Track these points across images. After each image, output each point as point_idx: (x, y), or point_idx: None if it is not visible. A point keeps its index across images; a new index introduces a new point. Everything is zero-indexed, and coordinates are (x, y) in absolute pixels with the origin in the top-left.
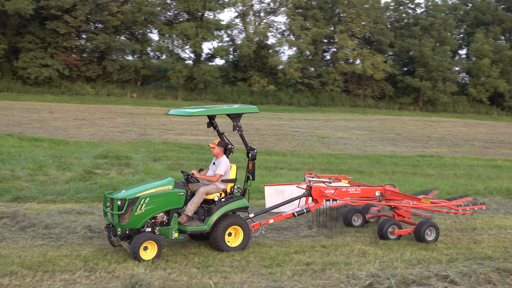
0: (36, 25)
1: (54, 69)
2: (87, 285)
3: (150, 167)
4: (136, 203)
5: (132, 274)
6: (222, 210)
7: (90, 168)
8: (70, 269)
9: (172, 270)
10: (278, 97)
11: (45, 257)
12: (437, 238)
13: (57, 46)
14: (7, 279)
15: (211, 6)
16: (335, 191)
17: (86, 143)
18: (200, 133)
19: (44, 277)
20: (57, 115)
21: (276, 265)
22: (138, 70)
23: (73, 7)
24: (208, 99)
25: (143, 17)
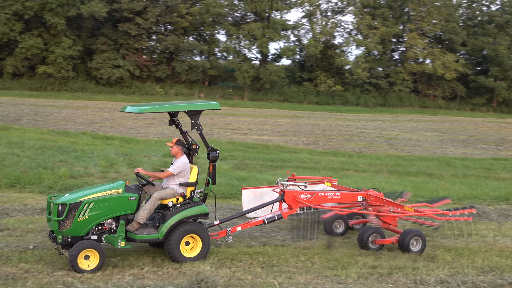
0: (109, 27)
1: (126, 69)
2: (154, 280)
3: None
4: (79, 208)
5: (198, 271)
6: (177, 217)
7: (158, 166)
8: (139, 265)
9: (237, 268)
10: (345, 98)
11: (115, 252)
12: (424, 249)
13: (128, 47)
14: (78, 273)
15: (278, 7)
16: (312, 196)
17: (155, 142)
18: (266, 133)
19: (114, 271)
20: (128, 114)
21: (341, 267)
22: (205, 71)
23: (144, 9)
24: (274, 100)
25: (211, 18)
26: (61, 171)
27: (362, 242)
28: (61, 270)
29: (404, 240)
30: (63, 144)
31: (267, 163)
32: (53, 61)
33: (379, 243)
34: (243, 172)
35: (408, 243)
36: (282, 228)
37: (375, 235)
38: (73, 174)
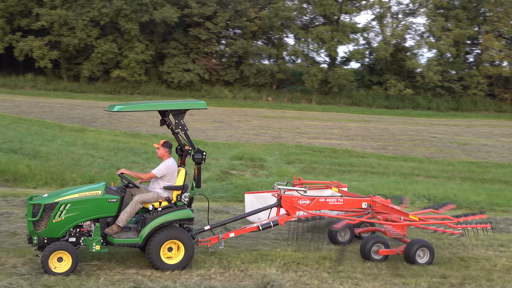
0: (180, 32)
1: (195, 73)
2: (221, 281)
3: (283, 170)
4: (55, 209)
5: (264, 274)
6: (158, 222)
7: (226, 169)
8: (206, 265)
9: (303, 273)
10: (416, 101)
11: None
12: (432, 261)
13: (198, 51)
14: (149, 271)
15: (348, 9)
16: (311, 202)
17: (223, 145)
18: (333, 137)
19: (182, 271)
20: (197, 117)
21: (410, 275)
22: (273, 74)
23: (214, 14)
24: (342, 103)
25: (280, 22)
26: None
27: (365, 252)
28: (132, 268)
29: (410, 251)
30: (135, 146)
31: (335, 168)
32: (127, 65)
33: (382, 254)
34: (310, 176)
35: (414, 254)
36: None
37: (378, 245)
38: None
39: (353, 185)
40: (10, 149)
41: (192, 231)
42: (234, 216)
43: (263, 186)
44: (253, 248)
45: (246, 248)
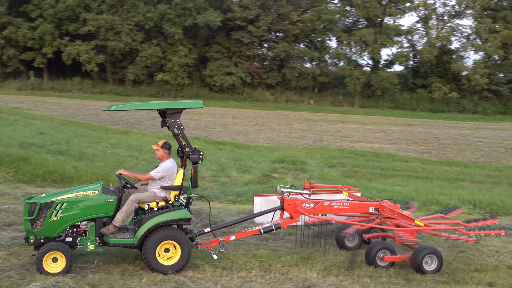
0: (222, 36)
1: (238, 76)
2: (262, 284)
3: (325, 173)
4: (51, 208)
5: (305, 278)
6: (153, 222)
7: (267, 172)
8: (247, 268)
9: (344, 277)
10: (461, 105)
11: (224, 254)
12: (440, 268)
13: (240, 55)
14: (190, 272)
15: (391, 12)
16: (315, 205)
17: (265, 148)
18: (376, 141)
19: (223, 273)
20: (239, 120)
21: (454, 282)
22: (315, 77)
23: (257, 18)
24: (385, 107)
25: (322, 25)
26: None
27: (370, 258)
28: None
29: (417, 257)
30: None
31: (377, 172)
32: (170, 69)
33: (388, 260)
34: (352, 180)
35: (421, 261)
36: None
37: (384, 251)
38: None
39: (395, 190)
40: (58, 151)
41: (192, 233)
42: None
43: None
44: (294, 252)
45: (287, 251)
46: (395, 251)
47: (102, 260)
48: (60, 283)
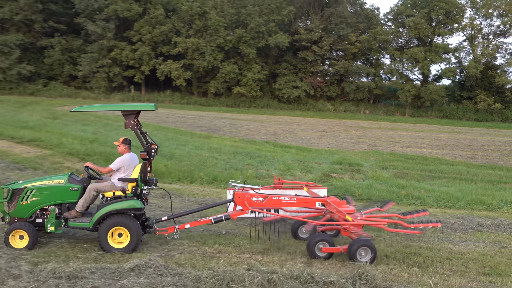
0: (290, 55)
1: (302, 90)
2: (321, 269)
3: (378, 174)
4: (22, 193)
5: (359, 265)
6: (106, 209)
7: (327, 172)
8: (308, 255)
9: (394, 266)
10: (505, 115)
11: (289, 241)
12: (374, 260)
13: (305, 71)
14: (260, 256)
15: (440, 32)
16: (264, 199)
17: (325, 151)
18: (424, 146)
19: (288, 258)
20: (303, 127)
21: (496, 274)
22: (371, 90)
23: (320, 39)
24: (433, 116)
25: (378, 44)
26: (248, 172)
27: (310, 248)
28: (246, 253)
29: (351, 249)
30: (250, 151)
31: (425, 173)
32: (245, 83)
33: (325, 251)
34: (403, 180)
35: (355, 252)
36: (437, 230)
37: (323, 243)
38: (257, 175)
39: (442, 190)
40: None
41: (150, 220)
42: None
43: (359, 187)
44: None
45: (344, 241)
46: (333, 243)
47: (186, 244)
48: (152, 261)
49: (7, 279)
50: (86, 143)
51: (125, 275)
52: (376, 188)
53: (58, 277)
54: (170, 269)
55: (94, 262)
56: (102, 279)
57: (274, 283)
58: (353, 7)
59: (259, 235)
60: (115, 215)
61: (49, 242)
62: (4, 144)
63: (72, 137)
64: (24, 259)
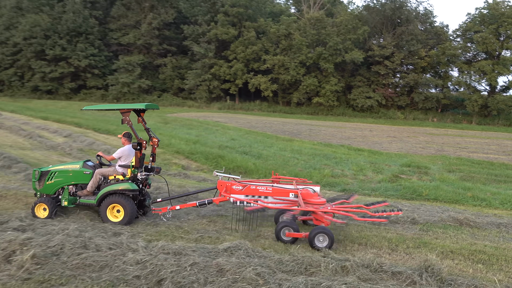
0: (364, 69)
1: (375, 100)
2: (390, 260)
3: (445, 177)
4: (48, 175)
5: (426, 259)
6: (106, 190)
7: (396, 173)
8: (377, 246)
9: (459, 261)
10: None
11: (360, 233)
12: (331, 245)
13: (378, 83)
14: (335, 245)
15: (509, 46)
16: (243, 187)
17: (395, 155)
18: (491, 152)
19: (359, 248)
20: (375, 133)
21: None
22: (439, 100)
23: (391, 55)
24: (500, 124)
25: (446, 58)
26: (325, 171)
27: (276, 233)
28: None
29: (311, 235)
30: (327, 153)
31: (491, 177)
32: (324, 94)
33: (289, 236)
34: (469, 183)
35: (313, 238)
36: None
37: (288, 228)
38: (333, 175)
39: (508, 193)
40: (243, 152)
41: (147, 201)
42: None
43: (426, 188)
44: (417, 237)
45: (411, 236)
46: (298, 229)
47: (270, 231)
48: (242, 244)
49: (127, 252)
50: (190, 144)
51: (220, 254)
52: (443, 189)
53: (166, 253)
54: (257, 252)
55: (194, 242)
56: (201, 257)
57: (346, 269)
58: (423, 25)
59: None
60: (114, 195)
61: (159, 225)
62: None
63: (179, 139)
64: (140, 237)
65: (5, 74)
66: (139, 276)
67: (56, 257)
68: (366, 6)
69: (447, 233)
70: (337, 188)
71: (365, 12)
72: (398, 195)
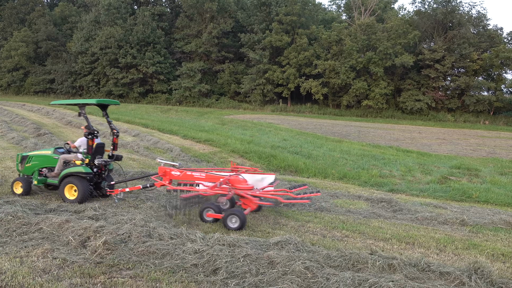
0: (414, 72)
1: (424, 102)
2: (438, 259)
3: (496, 180)
4: (26, 159)
5: (475, 261)
6: (64, 172)
7: (446, 175)
8: (425, 245)
9: (510, 265)
10: None
11: (408, 233)
12: (241, 227)
13: (427, 86)
14: (381, 243)
15: None
16: (181, 173)
17: (444, 156)
18: None
19: (407, 247)
20: (424, 135)
21: None
22: (491, 103)
23: (442, 58)
24: None
25: (500, 61)
26: (373, 172)
27: (200, 214)
28: (370, 239)
29: (224, 216)
30: (375, 154)
31: None
32: (373, 97)
33: (210, 216)
34: None
35: (226, 219)
36: None
37: (209, 210)
38: (381, 175)
39: None
40: (294, 151)
41: (103, 183)
42: None
43: (477, 190)
44: (466, 238)
45: (460, 237)
46: (219, 211)
47: (319, 228)
48: (292, 239)
49: (187, 242)
50: (245, 144)
51: (270, 247)
52: (494, 192)
53: (222, 244)
54: (306, 247)
55: (247, 235)
56: (253, 249)
57: (393, 267)
58: (476, 28)
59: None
60: (71, 176)
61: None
62: (188, 143)
63: (235, 139)
64: (198, 228)
65: (84, 80)
66: (197, 265)
67: (124, 244)
68: (417, 11)
69: (498, 236)
70: (385, 188)
71: (416, 17)
72: (447, 197)
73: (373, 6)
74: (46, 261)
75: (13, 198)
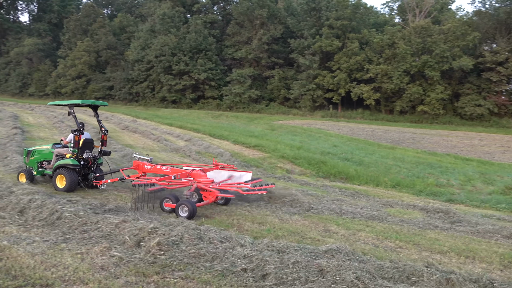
0: (473, 76)
1: (486, 108)
2: (501, 276)
3: None
4: (31, 153)
5: None
6: (55, 164)
7: (510, 185)
8: (487, 260)
9: None
10: None
11: (467, 246)
12: (191, 216)
13: (489, 90)
14: (438, 256)
15: None
16: (152, 167)
17: (509, 166)
18: None
19: (466, 261)
20: (485, 142)
21: None
22: None
23: (506, 60)
24: None
25: None
26: (429, 180)
27: (160, 205)
28: (426, 251)
29: (176, 206)
30: (431, 162)
31: None
32: (429, 102)
33: (167, 206)
34: None
35: (177, 208)
36: None
37: (167, 200)
38: (437, 184)
39: None
40: (345, 158)
41: (90, 175)
42: None
43: None
44: None
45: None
46: (175, 201)
47: (371, 237)
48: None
49: (236, 246)
50: (294, 149)
51: (320, 255)
52: None
53: (271, 250)
54: (357, 256)
55: (297, 242)
56: (303, 256)
57: (452, 282)
58: None
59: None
60: (61, 168)
61: (264, 223)
62: (238, 148)
63: (284, 144)
64: (248, 234)
65: (140, 87)
66: (246, 269)
67: (176, 246)
68: (476, 12)
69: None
70: (442, 198)
71: (475, 17)
72: (511, 209)
73: (428, 7)
74: (104, 258)
75: (76, 197)
